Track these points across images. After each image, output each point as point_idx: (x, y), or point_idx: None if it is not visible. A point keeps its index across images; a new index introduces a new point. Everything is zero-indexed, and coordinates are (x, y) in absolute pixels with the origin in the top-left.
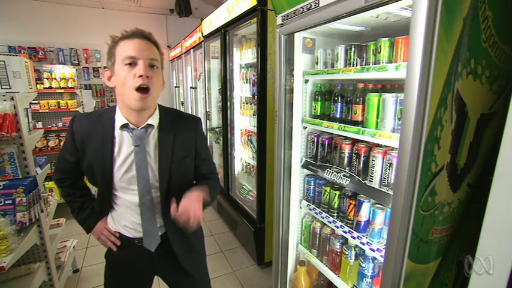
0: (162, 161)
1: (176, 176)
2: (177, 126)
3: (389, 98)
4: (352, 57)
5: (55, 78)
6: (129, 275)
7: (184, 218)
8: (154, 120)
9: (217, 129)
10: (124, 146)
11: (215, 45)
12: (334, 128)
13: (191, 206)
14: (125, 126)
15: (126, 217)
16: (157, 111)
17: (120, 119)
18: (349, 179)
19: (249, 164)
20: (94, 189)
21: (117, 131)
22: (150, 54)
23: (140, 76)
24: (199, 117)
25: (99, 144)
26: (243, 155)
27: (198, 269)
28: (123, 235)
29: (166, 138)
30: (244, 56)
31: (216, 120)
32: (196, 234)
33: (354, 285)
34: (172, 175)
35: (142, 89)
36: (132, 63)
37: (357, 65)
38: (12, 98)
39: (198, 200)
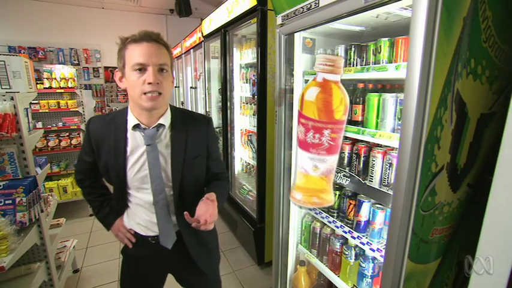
0: (174, 160)
1: (188, 176)
2: (189, 126)
3: (389, 98)
4: (352, 57)
5: (55, 78)
6: (143, 271)
7: (201, 220)
8: (165, 120)
9: (217, 129)
10: (136, 146)
11: (215, 45)
12: None
13: (207, 208)
14: (136, 127)
15: (139, 215)
16: (168, 111)
17: (131, 120)
18: (349, 179)
19: (249, 164)
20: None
21: (130, 132)
22: (159, 60)
23: (150, 83)
24: (211, 117)
25: (113, 145)
26: (243, 155)
27: (211, 268)
28: (137, 233)
29: (179, 137)
30: (244, 56)
31: (216, 120)
32: (210, 233)
33: (354, 285)
34: (185, 174)
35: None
36: (142, 69)
37: (357, 65)
38: (12, 98)
39: (213, 201)
